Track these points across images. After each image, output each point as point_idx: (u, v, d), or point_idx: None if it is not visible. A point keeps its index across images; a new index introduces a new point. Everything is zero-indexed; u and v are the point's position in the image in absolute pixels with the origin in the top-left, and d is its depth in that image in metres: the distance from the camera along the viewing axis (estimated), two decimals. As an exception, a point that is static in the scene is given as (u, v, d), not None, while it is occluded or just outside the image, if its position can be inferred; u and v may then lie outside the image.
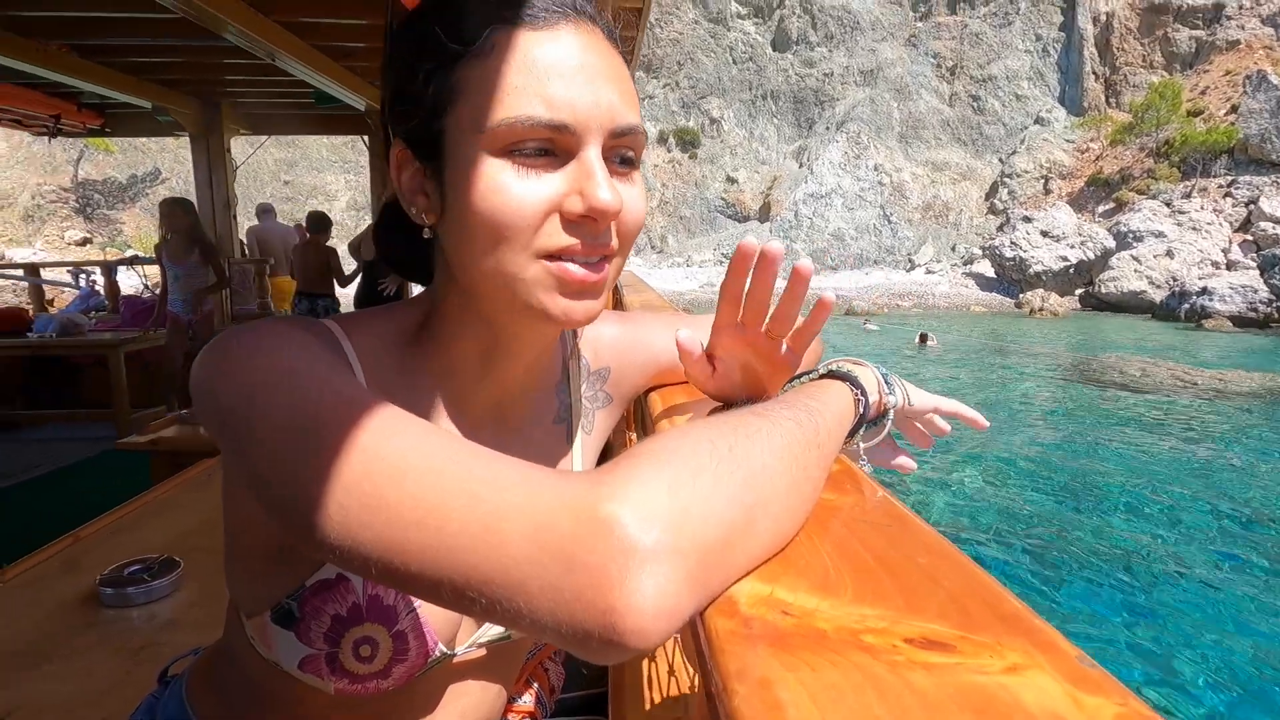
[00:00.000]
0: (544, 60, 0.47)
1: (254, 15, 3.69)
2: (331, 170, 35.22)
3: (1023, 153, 32.13)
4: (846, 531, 0.41)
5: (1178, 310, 20.34)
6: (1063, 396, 10.33)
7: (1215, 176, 26.33)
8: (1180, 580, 4.51)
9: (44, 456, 4.10)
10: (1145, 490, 6.09)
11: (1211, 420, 8.62)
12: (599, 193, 0.47)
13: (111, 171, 33.73)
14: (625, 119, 0.49)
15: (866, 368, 0.60)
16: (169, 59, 4.65)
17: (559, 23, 0.48)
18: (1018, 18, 34.64)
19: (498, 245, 0.48)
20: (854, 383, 0.54)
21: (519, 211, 0.47)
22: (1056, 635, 0.29)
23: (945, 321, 20.41)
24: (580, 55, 0.48)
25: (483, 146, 0.47)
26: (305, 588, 0.54)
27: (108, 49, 4.39)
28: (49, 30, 3.95)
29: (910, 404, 0.63)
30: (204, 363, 0.45)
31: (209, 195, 5.61)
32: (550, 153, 0.48)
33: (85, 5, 3.63)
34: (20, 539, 2.12)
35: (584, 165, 0.48)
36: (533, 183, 0.47)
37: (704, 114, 36.06)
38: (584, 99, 0.47)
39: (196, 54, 4.52)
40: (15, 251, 28.87)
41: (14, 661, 1.38)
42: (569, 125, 0.47)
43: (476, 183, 0.47)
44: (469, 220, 0.48)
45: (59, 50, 4.11)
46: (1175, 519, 5.51)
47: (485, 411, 0.61)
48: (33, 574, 1.73)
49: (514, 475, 0.36)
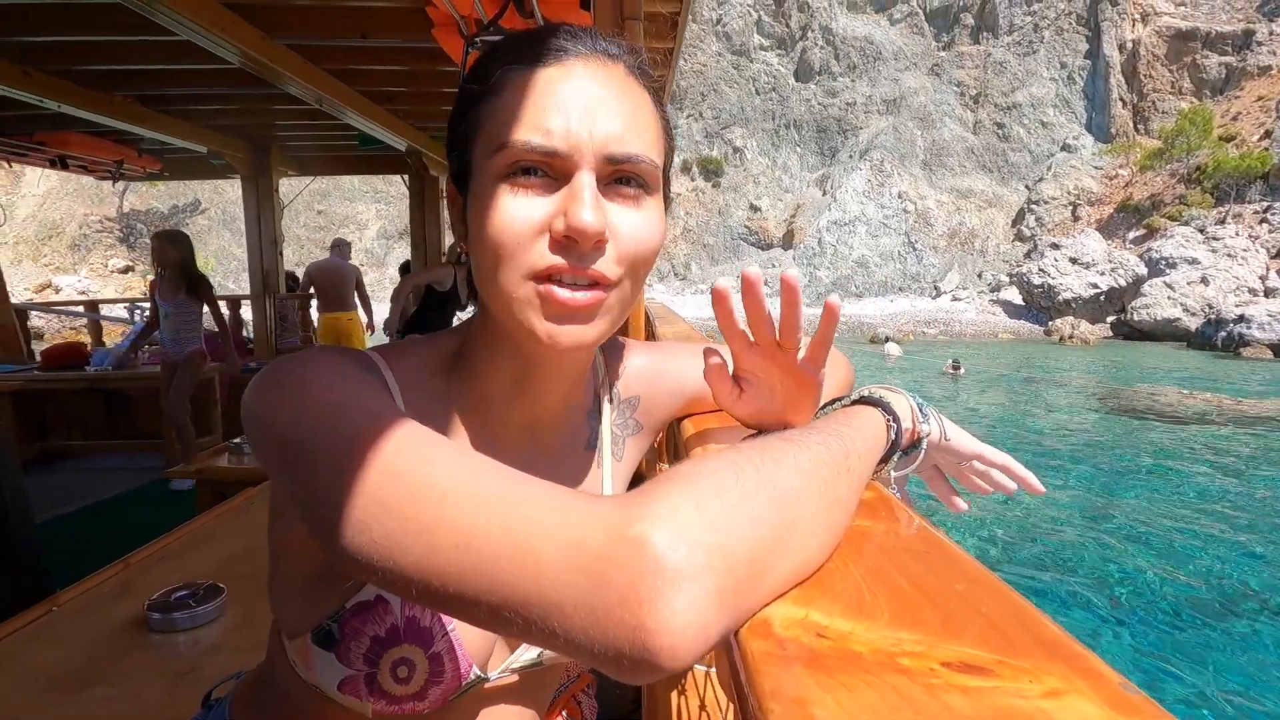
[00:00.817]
0: (546, 92, 0.50)
1: (306, 65, 3.90)
2: (363, 201, 36.13)
3: (1050, 179, 31.88)
4: (882, 556, 0.40)
5: (1214, 338, 19.87)
6: (1102, 427, 10.13)
7: (1250, 202, 25.86)
8: (1223, 613, 4.39)
9: (97, 485, 4.26)
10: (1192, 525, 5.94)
11: (1258, 451, 8.38)
12: (580, 213, 0.48)
13: (154, 202, 35.00)
14: (624, 147, 0.51)
15: (901, 395, 0.60)
16: (224, 106, 4.89)
17: (569, 60, 0.52)
18: (1042, 46, 34.63)
19: (496, 265, 0.51)
20: (886, 409, 0.54)
21: (511, 229, 0.49)
22: (1098, 661, 0.29)
23: (974, 349, 20.15)
24: (584, 87, 0.51)
25: (489, 172, 0.51)
26: (345, 609, 0.55)
27: (168, 98, 4.64)
28: (115, 83, 4.20)
29: (947, 438, 0.62)
30: (254, 391, 0.47)
31: (257, 233, 5.84)
32: (549, 176, 0.50)
33: (149, 58, 3.85)
34: (74, 564, 2.21)
35: (572, 187, 0.50)
36: (525, 203, 0.50)
37: (727, 143, 36.42)
38: (578, 126, 0.49)
39: (250, 101, 4.75)
40: (61, 279, 30.04)
41: (66, 683, 1.42)
42: (560, 150, 0.49)
43: (482, 205, 0.51)
44: (477, 240, 0.52)
45: (124, 100, 4.36)
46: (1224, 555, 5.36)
47: (518, 437, 0.63)
48: (85, 599, 1.79)
49: (548, 498, 0.38)
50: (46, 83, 3.89)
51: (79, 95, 4.10)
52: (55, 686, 1.41)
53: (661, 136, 0.56)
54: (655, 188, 0.54)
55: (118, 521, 4.01)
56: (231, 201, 34.88)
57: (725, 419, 0.72)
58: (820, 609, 0.34)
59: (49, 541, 2.78)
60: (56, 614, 1.69)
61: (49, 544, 2.63)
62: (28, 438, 4.73)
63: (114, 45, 3.68)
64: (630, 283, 0.54)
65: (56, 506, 3.89)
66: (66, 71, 3.94)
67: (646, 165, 0.52)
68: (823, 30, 36.55)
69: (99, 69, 3.96)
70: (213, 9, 3.06)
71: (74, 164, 5.11)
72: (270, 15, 3.39)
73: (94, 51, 3.75)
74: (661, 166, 0.55)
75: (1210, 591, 4.78)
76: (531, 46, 0.52)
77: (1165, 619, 4.39)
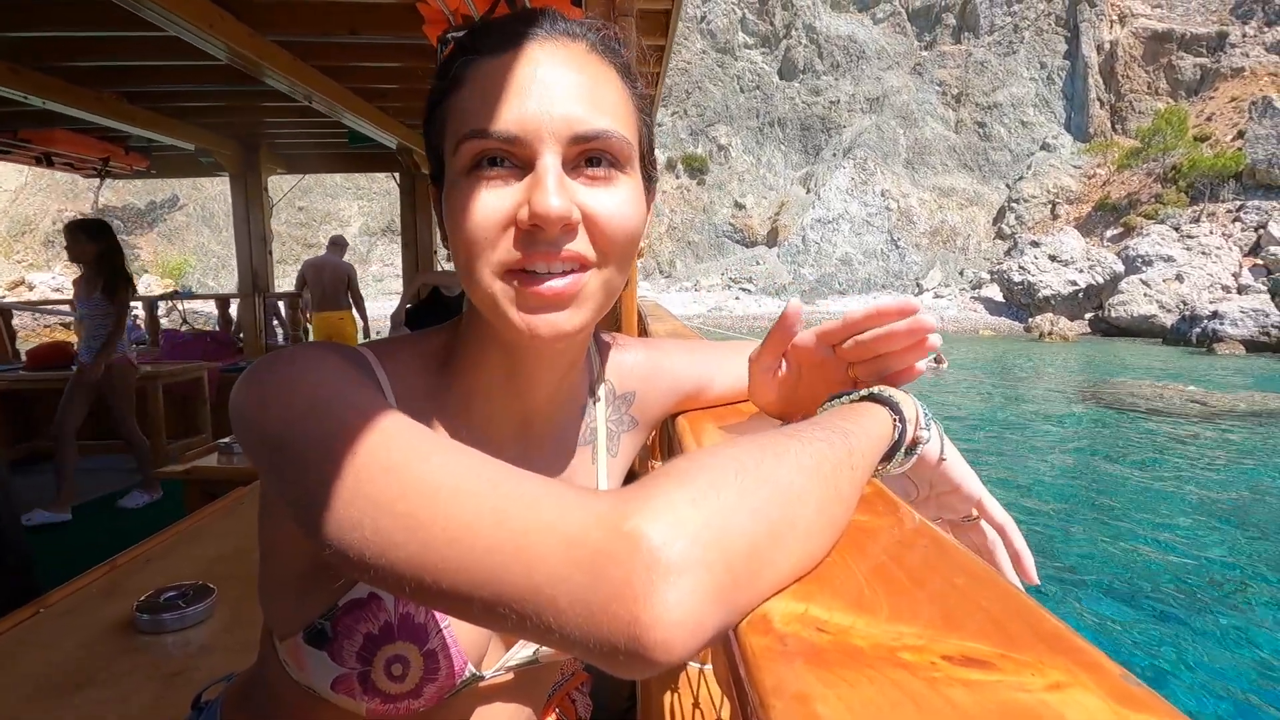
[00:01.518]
0: (500, 80, 0.49)
1: (294, 61, 3.87)
2: (345, 197, 35.80)
3: (1029, 178, 32.35)
4: (881, 553, 0.40)
5: (1189, 334, 20.30)
6: (1085, 420, 10.32)
7: (1224, 201, 26.42)
8: (1205, 602, 4.51)
9: (84, 486, 4.22)
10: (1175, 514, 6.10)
11: (1233, 443, 8.61)
12: (543, 199, 0.47)
13: (130, 198, 34.39)
14: (588, 125, 0.49)
15: (908, 397, 0.57)
16: (212, 103, 4.84)
17: (528, 45, 0.50)
18: (1022, 46, 35.09)
19: (470, 261, 0.50)
20: (894, 408, 0.53)
21: (479, 225, 0.48)
22: (1100, 654, 0.29)
23: (955, 345, 20.41)
24: (540, 70, 0.49)
25: (456, 167, 0.50)
26: (338, 607, 0.54)
27: (155, 95, 4.59)
28: (103, 79, 4.15)
29: (943, 457, 0.57)
30: (242, 388, 0.46)
31: (246, 231, 5.79)
32: (512, 165, 0.49)
33: (137, 54, 3.81)
34: (63, 566, 2.21)
35: (535, 174, 0.48)
36: (491, 195, 0.48)
37: (712, 141, 36.54)
38: (534, 110, 0.48)
39: (238, 98, 4.71)
40: (35, 276, 29.43)
41: (54, 685, 1.40)
42: (518, 136, 0.48)
43: (452, 201, 0.50)
44: (452, 239, 0.51)
45: (111, 97, 4.31)
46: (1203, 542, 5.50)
47: (511, 432, 0.62)
48: (74, 600, 1.76)
49: (542, 492, 0.37)
50: (33, 79, 3.83)
51: (66, 92, 4.05)
52: (44, 689, 1.39)
53: (634, 112, 0.55)
54: (628, 164, 0.52)
55: (106, 522, 3.98)
56: (211, 198, 34.35)
57: (721, 415, 0.72)
58: (820, 604, 0.34)
59: (36, 543, 2.76)
60: (44, 615, 1.67)
61: (36, 545, 2.61)
62: (13, 438, 4.68)
63: (102, 41, 3.64)
64: (614, 267, 0.52)
65: (44, 507, 3.85)
66: (54, 68, 3.89)
67: (616, 140, 0.50)
68: (806, 29, 36.77)
69: (86, 65, 3.91)
70: (201, 5, 3.04)
71: (59, 161, 5.03)
72: (259, 11, 3.37)
73: (82, 47, 3.71)
74: (636, 143, 0.54)
75: (1195, 580, 4.91)
76: (489, 36, 0.51)
77: (1151, 609, 4.51)
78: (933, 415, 0.58)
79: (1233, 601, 4.61)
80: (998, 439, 9.22)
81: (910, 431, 0.54)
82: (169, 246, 34.07)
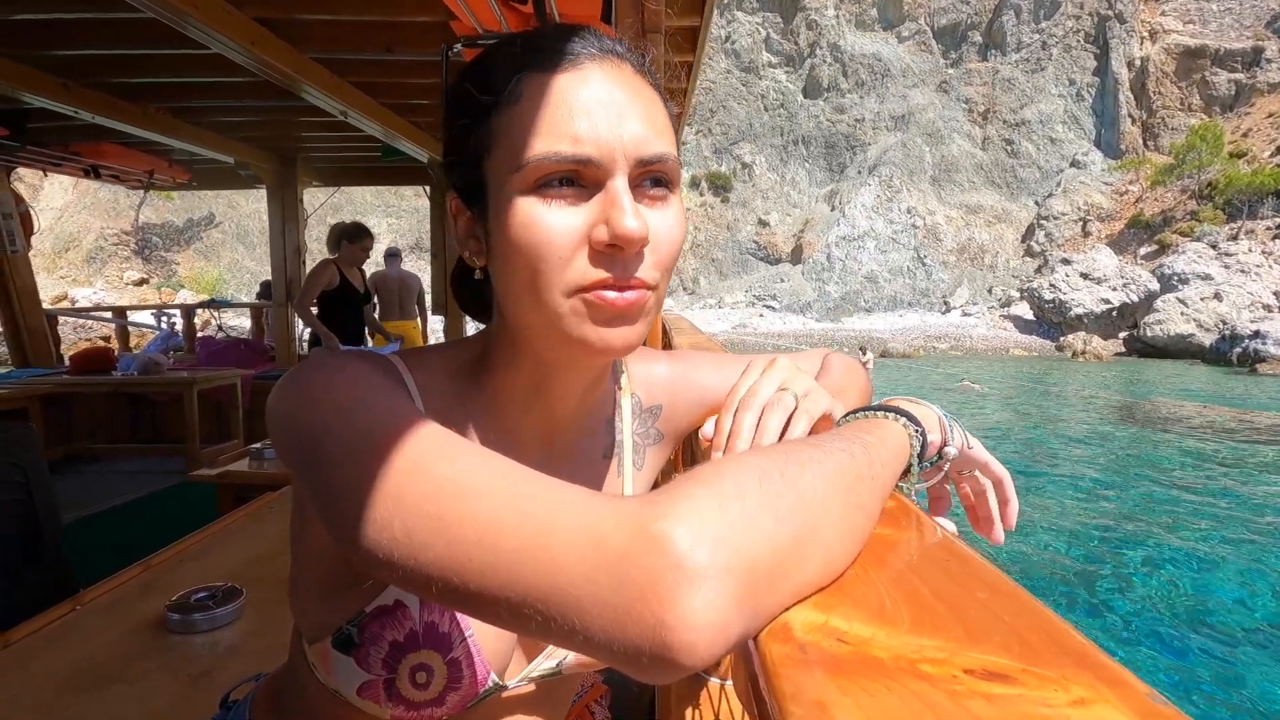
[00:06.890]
0: (569, 99, 0.49)
1: (330, 77, 4.00)
2: (375, 214, 36.52)
3: (1059, 195, 31.90)
4: (903, 565, 0.40)
5: (1229, 354, 19.75)
6: (1124, 440, 10.06)
7: (1263, 219, 25.78)
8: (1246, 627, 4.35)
9: (122, 487, 4.32)
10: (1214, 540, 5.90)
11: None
12: (624, 220, 0.48)
13: (170, 216, 35.49)
14: (652, 148, 0.50)
15: (927, 407, 0.59)
16: (251, 118, 5.00)
17: (584, 63, 0.50)
18: (1050, 63, 34.80)
19: (535, 280, 0.50)
20: (911, 420, 0.54)
21: (551, 243, 0.49)
22: (1125, 671, 0.28)
23: (985, 364, 20.08)
24: (605, 91, 0.50)
25: (516, 187, 0.49)
26: (365, 614, 0.55)
27: (197, 110, 4.76)
28: (148, 94, 4.32)
29: (970, 447, 0.61)
30: (278, 394, 0.48)
31: (281, 243, 5.95)
32: (579, 185, 0.50)
33: (181, 71, 3.96)
34: (98, 564, 2.23)
35: (610, 195, 0.49)
36: (561, 215, 0.49)
37: (736, 159, 36.68)
38: (607, 132, 0.49)
39: (276, 113, 4.87)
40: (78, 291, 30.44)
41: (85, 681, 1.43)
42: (593, 158, 0.48)
43: (512, 221, 0.50)
44: (509, 258, 0.51)
45: (156, 112, 4.48)
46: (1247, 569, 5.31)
47: (535, 443, 0.63)
48: (108, 598, 1.79)
49: (568, 496, 0.37)
50: (83, 95, 4.00)
51: (114, 107, 4.22)
52: (74, 684, 1.42)
53: (673, 132, 0.57)
54: (677, 185, 0.54)
55: (141, 523, 4.06)
56: (245, 215, 35.30)
57: None
58: (841, 615, 0.34)
59: (74, 542, 2.83)
60: (79, 613, 1.71)
61: (74, 545, 2.67)
62: (55, 440, 4.82)
63: (148, 58, 3.79)
64: (664, 283, 0.54)
65: (82, 508, 3.95)
66: (103, 84, 4.06)
67: (672, 162, 0.52)
68: (831, 48, 36.87)
69: (133, 81, 4.07)
70: (243, 23, 3.15)
71: (106, 173, 5.23)
72: (298, 30, 3.49)
73: (129, 65, 3.86)
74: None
75: (1233, 603, 4.74)
76: (540, 52, 0.51)
77: (1186, 631, 4.36)
78: (953, 416, 0.61)
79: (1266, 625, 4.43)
80: (1031, 463, 9.02)
81: (936, 439, 0.56)
82: (205, 262, 35.03)
